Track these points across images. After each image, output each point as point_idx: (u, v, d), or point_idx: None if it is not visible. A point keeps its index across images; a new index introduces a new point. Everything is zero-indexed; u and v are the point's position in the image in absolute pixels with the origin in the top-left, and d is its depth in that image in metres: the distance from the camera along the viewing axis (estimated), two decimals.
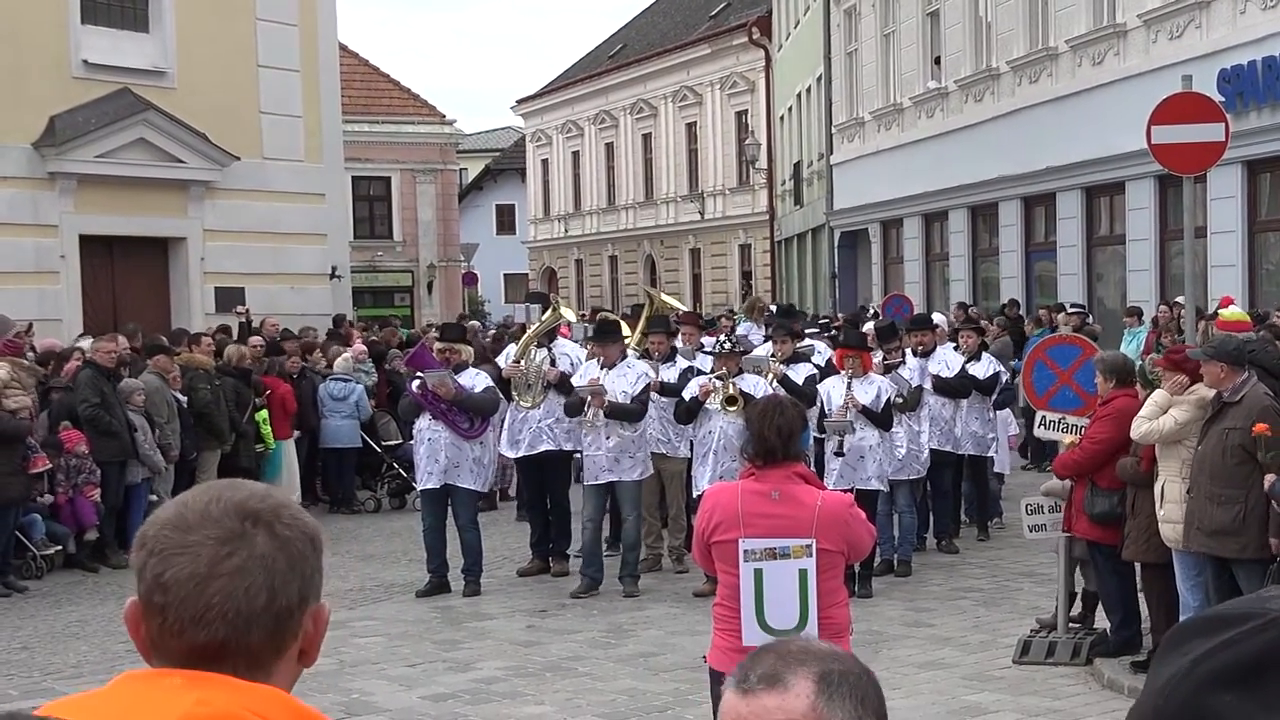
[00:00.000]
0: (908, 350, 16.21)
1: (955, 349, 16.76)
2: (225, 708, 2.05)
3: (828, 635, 6.36)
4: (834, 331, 19.55)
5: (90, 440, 16.26)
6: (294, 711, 2.13)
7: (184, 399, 17.82)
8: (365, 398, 20.85)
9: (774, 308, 26.00)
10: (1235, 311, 16.19)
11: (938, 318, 19.39)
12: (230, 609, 2.14)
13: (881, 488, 14.17)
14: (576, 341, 18.17)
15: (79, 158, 23.10)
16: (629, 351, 16.14)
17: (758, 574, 6.46)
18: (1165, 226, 24.02)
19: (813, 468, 15.29)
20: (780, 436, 6.53)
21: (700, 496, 14.15)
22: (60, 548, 16.18)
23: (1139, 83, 22.99)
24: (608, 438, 14.27)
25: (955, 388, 16.03)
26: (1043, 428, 12.26)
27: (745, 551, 6.47)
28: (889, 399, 14.26)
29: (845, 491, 13.81)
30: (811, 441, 13.88)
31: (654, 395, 14.80)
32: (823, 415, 14.37)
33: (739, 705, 2.29)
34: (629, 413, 14.25)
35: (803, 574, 6.43)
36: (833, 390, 14.24)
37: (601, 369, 14.45)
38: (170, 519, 2.20)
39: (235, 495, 2.22)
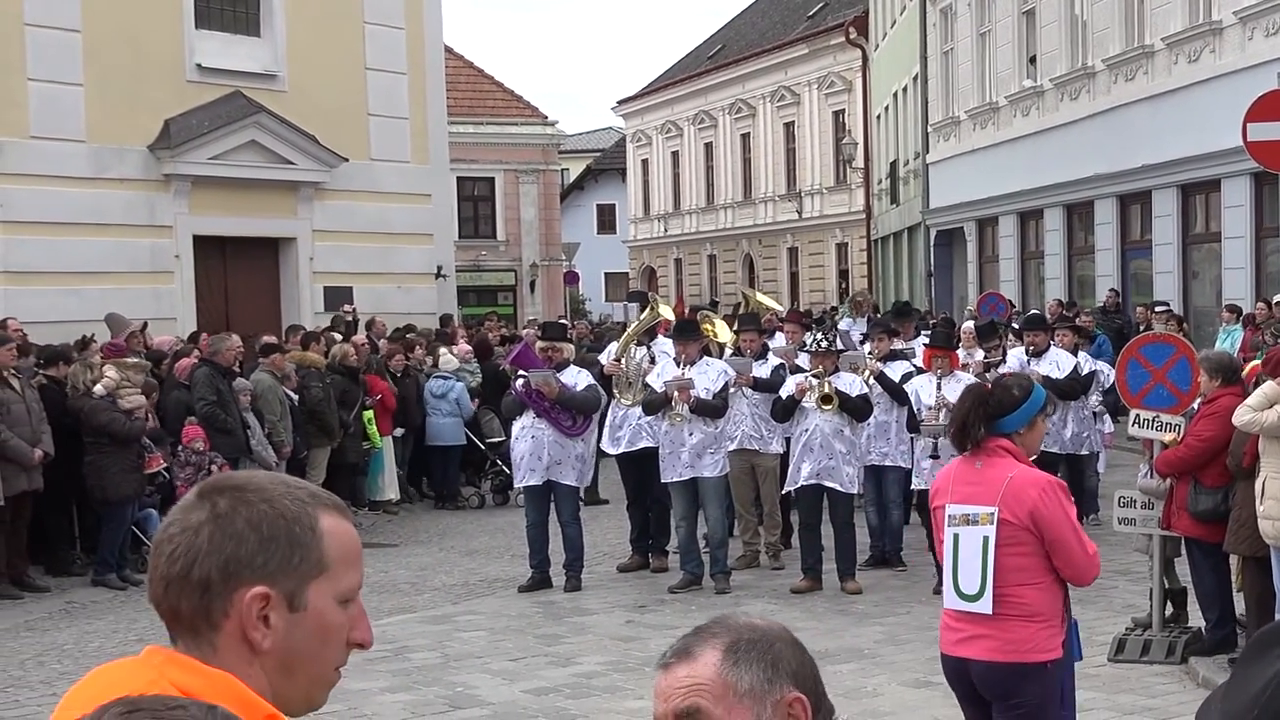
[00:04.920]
0: (1010, 350, 16.25)
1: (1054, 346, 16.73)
2: (161, 688, 2.16)
3: (1013, 614, 6.61)
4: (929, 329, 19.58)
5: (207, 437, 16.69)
6: (239, 698, 2.21)
7: (295, 397, 18.25)
8: (465, 395, 21.10)
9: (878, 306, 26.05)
10: None
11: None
12: (159, 572, 2.30)
13: None
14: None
15: (193, 160, 23.42)
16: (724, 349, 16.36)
17: (955, 539, 6.72)
18: (1261, 224, 23.91)
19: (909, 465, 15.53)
20: (979, 417, 6.76)
21: (793, 493, 14.47)
22: None
23: (1235, 80, 22.91)
24: (690, 434, 14.32)
25: (1065, 389, 15.92)
26: (1137, 426, 12.30)
27: (949, 516, 6.77)
28: None
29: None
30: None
31: (747, 391, 14.95)
32: (912, 416, 14.54)
33: (658, 680, 2.63)
34: (713, 408, 14.31)
35: (985, 541, 6.62)
36: (921, 389, 14.35)
37: (681, 366, 14.51)
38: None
39: (234, 477, 2.39)
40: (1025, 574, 6.62)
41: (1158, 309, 23.21)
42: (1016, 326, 18.79)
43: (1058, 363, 16.15)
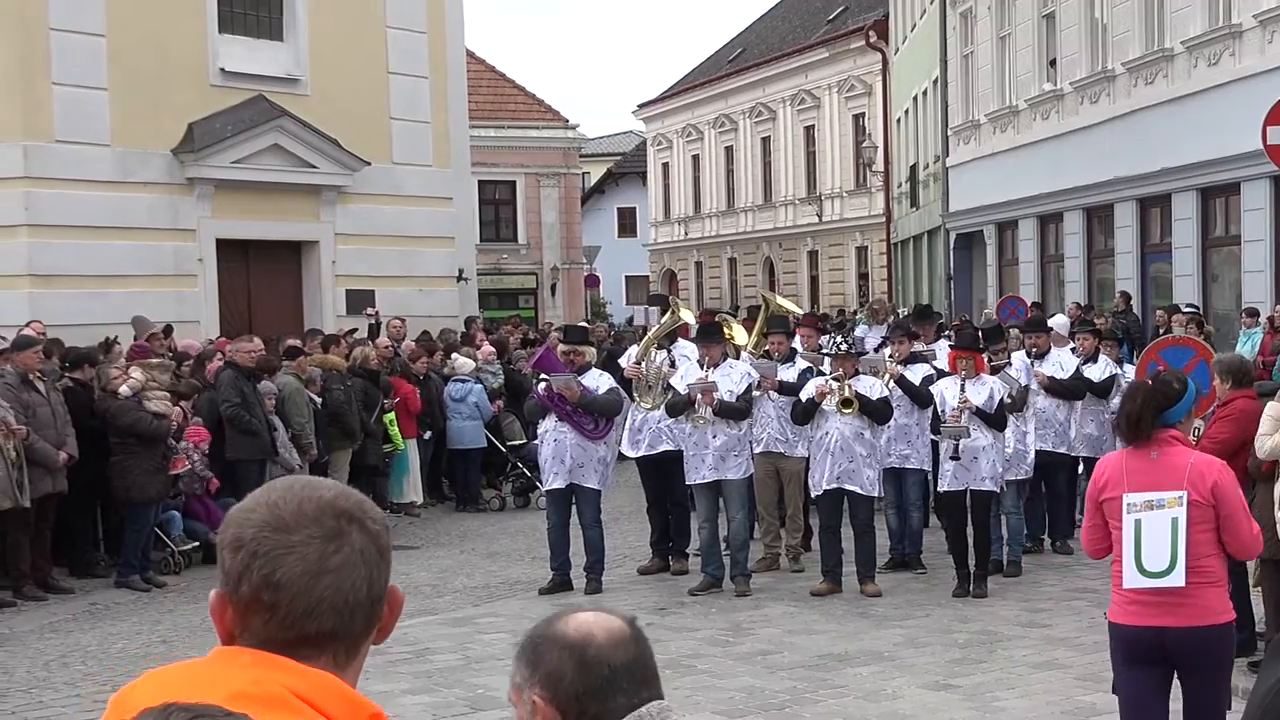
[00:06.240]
0: (1016, 352, 16.27)
1: (1073, 351, 16.77)
2: (271, 690, 2.23)
3: (1201, 582, 7.13)
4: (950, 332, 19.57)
5: (230, 439, 16.74)
6: (344, 696, 2.30)
7: (319, 400, 18.33)
8: (484, 397, 21.18)
9: (903, 310, 25.96)
10: None
11: (1060, 320, 19.27)
12: (339, 601, 2.34)
13: (995, 488, 14.30)
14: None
15: (216, 164, 23.54)
16: (746, 354, 16.37)
17: (1137, 524, 7.18)
18: None
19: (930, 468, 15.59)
20: (1149, 410, 7.20)
21: (816, 497, 14.49)
22: (198, 544, 16.50)
23: (1255, 83, 22.87)
24: (714, 436, 14.35)
25: (1069, 390, 15.99)
26: None
27: (1128, 504, 7.20)
28: (1001, 399, 14.34)
29: (961, 491, 14.11)
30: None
31: (772, 395, 15.01)
32: (936, 418, 14.57)
33: None
34: (737, 411, 14.35)
35: (1174, 522, 7.11)
36: (946, 391, 14.36)
37: (705, 368, 14.54)
38: (267, 521, 2.36)
39: (324, 495, 2.40)
40: (1208, 545, 7.17)
41: (1186, 308, 23.17)
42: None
43: (1060, 364, 16.18)
